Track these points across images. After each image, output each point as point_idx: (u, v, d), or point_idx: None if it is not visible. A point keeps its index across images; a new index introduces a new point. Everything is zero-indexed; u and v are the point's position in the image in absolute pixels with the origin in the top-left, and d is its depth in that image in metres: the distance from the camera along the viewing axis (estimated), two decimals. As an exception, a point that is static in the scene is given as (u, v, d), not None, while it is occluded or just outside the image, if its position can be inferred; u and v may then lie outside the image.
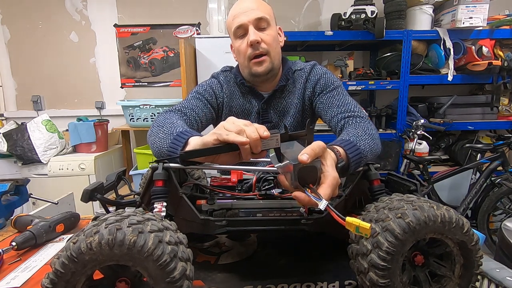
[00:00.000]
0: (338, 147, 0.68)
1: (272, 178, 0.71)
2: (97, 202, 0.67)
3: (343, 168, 0.64)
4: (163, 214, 0.56)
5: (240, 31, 0.98)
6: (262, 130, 0.55)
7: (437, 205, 0.48)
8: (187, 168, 0.76)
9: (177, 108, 0.98)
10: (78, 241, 0.40)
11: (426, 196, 0.55)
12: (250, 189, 0.70)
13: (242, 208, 0.63)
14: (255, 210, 0.62)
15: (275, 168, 0.54)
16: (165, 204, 0.57)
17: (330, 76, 1.06)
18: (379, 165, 0.64)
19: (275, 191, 0.68)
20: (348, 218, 0.43)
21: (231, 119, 0.60)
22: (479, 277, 0.50)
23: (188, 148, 0.67)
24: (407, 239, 0.45)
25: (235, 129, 0.56)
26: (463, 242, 0.48)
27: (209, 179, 0.79)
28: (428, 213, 0.45)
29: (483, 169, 2.22)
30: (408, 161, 2.32)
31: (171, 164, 0.60)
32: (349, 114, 0.94)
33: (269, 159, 0.61)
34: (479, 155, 2.30)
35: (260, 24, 0.97)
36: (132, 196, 0.71)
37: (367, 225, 0.41)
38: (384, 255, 0.44)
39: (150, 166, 0.60)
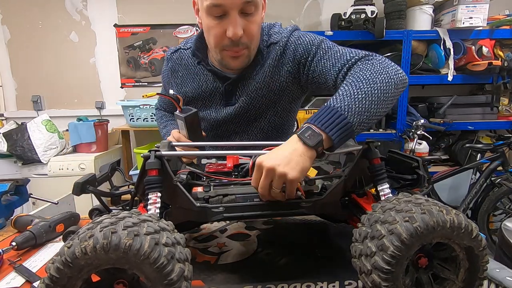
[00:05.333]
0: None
1: None
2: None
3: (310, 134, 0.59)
4: (158, 205, 0.55)
5: (217, 11, 0.77)
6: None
7: (447, 209, 0.46)
8: (180, 155, 0.76)
9: (158, 107, 1.19)
10: (73, 245, 0.39)
11: (426, 196, 0.54)
12: (247, 174, 0.68)
13: (239, 194, 0.61)
14: (253, 195, 0.60)
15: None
16: (159, 194, 0.55)
17: (306, 38, 0.89)
18: (379, 143, 0.62)
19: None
20: None
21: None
22: (479, 277, 0.50)
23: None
24: (413, 243, 0.43)
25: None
26: (470, 248, 0.46)
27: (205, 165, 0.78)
28: (437, 218, 0.44)
29: (483, 169, 2.22)
30: (408, 161, 2.32)
31: (163, 152, 0.58)
32: (346, 67, 0.79)
33: (266, 142, 0.68)
34: (479, 155, 2.29)
35: (247, 8, 0.78)
36: (127, 187, 0.70)
37: None
38: (388, 259, 0.43)
39: (142, 155, 0.58)
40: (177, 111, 0.86)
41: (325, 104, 0.64)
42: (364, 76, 0.69)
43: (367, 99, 0.64)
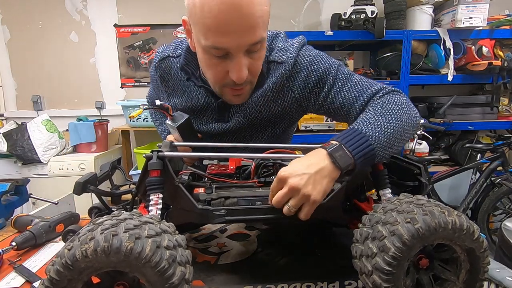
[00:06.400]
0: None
1: (271, 164, 0.69)
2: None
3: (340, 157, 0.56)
4: (159, 206, 0.54)
5: (219, 52, 0.68)
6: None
7: (448, 210, 0.46)
8: (183, 156, 0.76)
9: (148, 102, 1.11)
10: (73, 247, 0.39)
11: (426, 196, 0.54)
12: (249, 176, 0.68)
13: (241, 197, 0.60)
14: (255, 198, 0.60)
15: (274, 155, 0.63)
16: (161, 195, 0.55)
17: (320, 65, 0.79)
18: None
19: (275, 178, 0.67)
20: None
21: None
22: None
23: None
24: (415, 245, 0.43)
25: None
26: (471, 249, 0.47)
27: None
28: (439, 219, 0.44)
29: (483, 169, 2.22)
30: (408, 161, 2.32)
31: (166, 153, 0.58)
32: (373, 97, 0.75)
33: (270, 145, 0.67)
34: (479, 155, 2.29)
35: (253, 48, 0.69)
36: (127, 186, 0.70)
37: None
38: (390, 260, 0.43)
39: (144, 155, 0.58)
40: (168, 120, 0.80)
41: (355, 127, 0.63)
42: (393, 110, 0.68)
43: (393, 134, 0.63)
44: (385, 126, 0.63)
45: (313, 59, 0.80)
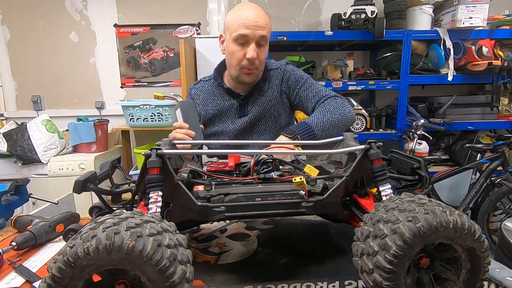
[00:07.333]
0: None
1: (270, 160, 0.69)
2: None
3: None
4: (159, 204, 0.54)
5: (241, 40, 1.08)
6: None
7: (450, 209, 0.46)
8: (182, 154, 0.76)
9: None
10: (75, 245, 0.39)
11: (426, 196, 0.54)
12: (248, 173, 0.68)
13: (241, 193, 0.60)
14: (254, 194, 0.60)
15: (271, 151, 0.71)
16: (160, 193, 0.55)
17: (299, 72, 1.25)
18: (381, 144, 0.61)
19: (274, 174, 0.67)
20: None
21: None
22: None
23: None
24: (416, 243, 0.43)
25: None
26: (472, 249, 0.47)
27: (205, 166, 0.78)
28: (440, 219, 0.44)
29: (483, 169, 2.22)
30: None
31: (165, 151, 0.57)
32: (321, 101, 1.18)
33: (264, 141, 0.75)
34: (479, 155, 2.29)
35: (261, 41, 1.09)
36: (127, 185, 0.70)
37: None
38: (391, 258, 0.43)
39: (143, 153, 0.57)
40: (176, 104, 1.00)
41: (304, 120, 1.09)
42: (329, 108, 1.13)
43: (328, 122, 1.09)
44: (321, 117, 1.09)
45: (294, 68, 1.26)
